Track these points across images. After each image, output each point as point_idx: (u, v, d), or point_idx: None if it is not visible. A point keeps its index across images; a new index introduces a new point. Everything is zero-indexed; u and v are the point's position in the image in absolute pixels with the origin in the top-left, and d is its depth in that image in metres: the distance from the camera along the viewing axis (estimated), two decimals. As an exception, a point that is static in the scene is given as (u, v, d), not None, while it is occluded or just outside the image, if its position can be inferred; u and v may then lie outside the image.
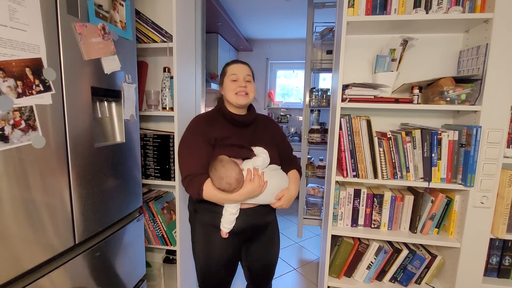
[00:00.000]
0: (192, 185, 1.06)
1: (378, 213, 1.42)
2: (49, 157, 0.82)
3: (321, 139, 2.36)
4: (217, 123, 1.16)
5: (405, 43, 1.37)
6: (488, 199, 1.24)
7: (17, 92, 0.73)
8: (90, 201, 1.00)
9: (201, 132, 1.12)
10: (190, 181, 1.06)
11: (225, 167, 1.02)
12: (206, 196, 1.05)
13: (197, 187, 1.05)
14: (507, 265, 1.37)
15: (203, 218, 1.16)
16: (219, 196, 1.05)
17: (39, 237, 0.81)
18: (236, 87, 1.15)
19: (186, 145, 1.11)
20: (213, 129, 1.13)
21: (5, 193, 0.71)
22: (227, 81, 1.18)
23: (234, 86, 1.15)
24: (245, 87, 1.17)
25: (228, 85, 1.17)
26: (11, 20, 0.71)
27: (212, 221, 1.13)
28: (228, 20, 2.96)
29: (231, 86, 1.16)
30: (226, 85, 1.18)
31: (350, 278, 1.49)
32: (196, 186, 1.05)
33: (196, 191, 1.05)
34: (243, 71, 1.20)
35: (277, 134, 1.29)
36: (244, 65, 1.22)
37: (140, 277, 1.36)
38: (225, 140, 1.11)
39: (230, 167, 1.02)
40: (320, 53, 2.43)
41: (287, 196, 1.13)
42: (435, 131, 1.27)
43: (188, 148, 1.10)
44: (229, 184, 1.01)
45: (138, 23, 1.42)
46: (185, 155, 1.10)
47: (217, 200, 1.07)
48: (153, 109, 1.53)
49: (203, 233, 1.16)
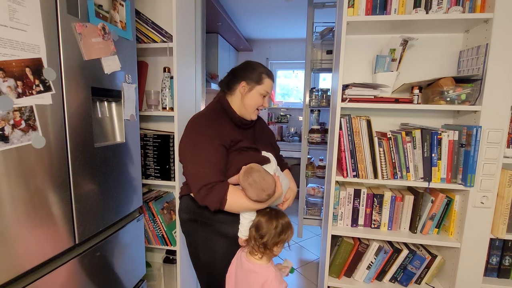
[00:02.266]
0: (213, 195, 0.94)
1: (378, 213, 1.42)
2: (49, 157, 0.82)
3: (321, 139, 2.36)
4: (225, 123, 1.07)
5: (405, 43, 1.37)
6: (488, 199, 1.24)
7: (17, 92, 0.73)
8: (90, 201, 1.00)
9: (215, 134, 1.01)
10: (210, 190, 0.94)
11: (265, 179, 0.94)
12: (229, 206, 0.96)
13: (220, 197, 0.94)
14: (507, 265, 1.37)
15: (209, 227, 1.07)
16: (247, 206, 0.96)
17: (39, 237, 0.81)
18: (261, 105, 1.12)
19: (199, 149, 0.99)
20: (225, 131, 1.04)
21: (5, 193, 0.71)
22: (257, 93, 1.09)
23: (260, 103, 1.11)
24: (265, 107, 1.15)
25: (256, 98, 1.10)
26: (11, 20, 0.71)
27: (220, 230, 1.07)
28: (228, 20, 2.96)
29: (258, 100, 1.10)
30: (254, 96, 1.09)
31: (350, 278, 1.49)
32: (218, 196, 0.94)
33: (218, 201, 0.94)
34: (271, 90, 1.16)
35: (271, 135, 1.30)
36: (273, 83, 1.17)
37: (140, 277, 1.36)
38: (239, 144, 1.04)
39: (270, 178, 0.96)
40: (320, 53, 2.43)
41: (293, 195, 1.14)
42: (435, 131, 1.27)
43: (203, 152, 0.98)
44: (269, 195, 0.94)
45: (138, 23, 1.43)
46: (200, 161, 0.98)
47: (241, 209, 0.99)
48: (153, 109, 1.53)
49: (209, 243, 1.08)
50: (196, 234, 1.10)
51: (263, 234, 0.96)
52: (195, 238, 1.11)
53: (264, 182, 0.94)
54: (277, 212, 1.02)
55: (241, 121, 1.11)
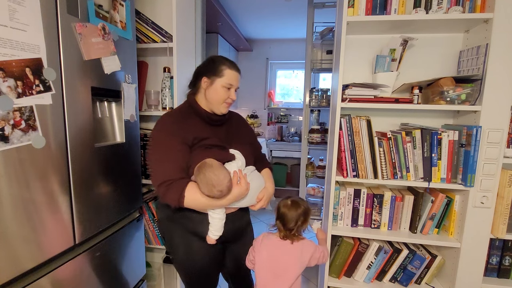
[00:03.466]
0: (171, 192, 0.94)
1: (378, 213, 1.42)
2: (49, 157, 0.82)
3: (321, 139, 2.36)
4: (191, 121, 1.06)
5: (405, 43, 1.37)
6: (488, 199, 1.24)
7: (17, 92, 0.73)
8: (90, 201, 1.00)
9: (177, 132, 1.01)
10: (168, 187, 0.95)
11: (216, 174, 0.93)
12: (187, 204, 0.95)
13: (178, 194, 0.94)
14: (507, 265, 1.37)
15: (182, 226, 1.07)
16: (204, 203, 0.96)
17: (39, 237, 0.81)
18: (227, 98, 1.08)
19: (160, 146, 0.99)
20: (190, 128, 1.03)
21: (5, 193, 0.71)
22: (219, 86, 1.06)
23: (226, 96, 1.07)
24: (234, 100, 1.10)
25: (219, 91, 1.07)
26: (11, 20, 0.71)
27: (192, 229, 1.06)
28: (228, 20, 2.96)
29: (222, 94, 1.07)
30: (216, 89, 1.07)
31: (350, 278, 1.49)
32: (176, 193, 0.94)
33: (176, 198, 0.94)
34: (238, 81, 1.11)
35: (250, 133, 1.27)
36: (239, 75, 1.13)
37: (140, 277, 1.36)
38: (204, 141, 1.03)
39: (222, 174, 0.95)
40: (320, 53, 2.43)
41: (267, 196, 1.13)
42: (435, 131, 1.27)
43: (164, 150, 0.99)
44: (221, 191, 0.94)
45: (138, 23, 1.43)
46: (160, 159, 0.99)
47: (201, 207, 1.00)
48: (153, 109, 1.53)
49: (184, 243, 1.08)
50: (171, 233, 1.10)
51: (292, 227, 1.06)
52: (169, 237, 1.11)
53: (214, 177, 0.93)
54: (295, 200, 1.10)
55: (209, 117, 1.09)
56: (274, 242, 1.10)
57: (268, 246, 1.10)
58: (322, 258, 1.12)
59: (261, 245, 1.10)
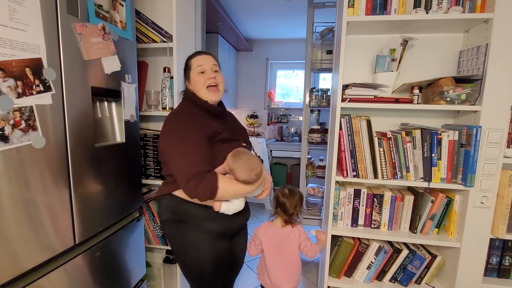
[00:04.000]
0: (203, 185, 0.93)
1: (378, 213, 1.42)
2: (49, 157, 0.82)
3: (321, 139, 2.35)
4: (203, 116, 1.08)
5: (405, 43, 1.37)
6: (488, 199, 1.24)
7: (17, 92, 0.73)
8: (90, 201, 1.00)
9: (199, 126, 1.02)
10: (201, 180, 0.93)
11: (252, 159, 0.99)
12: (221, 194, 0.95)
13: (211, 186, 0.93)
14: (507, 265, 1.37)
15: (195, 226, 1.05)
16: (238, 190, 0.99)
17: (39, 237, 0.81)
18: (206, 80, 1.09)
19: (186, 142, 0.98)
20: (206, 122, 1.05)
21: (5, 193, 0.71)
22: (194, 74, 1.11)
23: (204, 79, 1.09)
24: (215, 78, 1.11)
25: (196, 79, 1.10)
26: (11, 20, 0.71)
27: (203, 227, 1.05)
28: (228, 20, 2.96)
29: (200, 79, 1.09)
30: (194, 79, 1.11)
31: (350, 278, 1.49)
32: (210, 185, 0.93)
33: (210, 190, 0.93)
34: (209, 61, 1.12)
35: (244, 130, 1.31)
36: (209, 56, 1.15)
37: (140, 277, 1.36)
38: (220, 135, 1.05)
39: (256, 159, 1.02)
40: (320, 53, 2.43)
41: (270, 185, 1.16)
42: (435, 131, 1.27)
43: (190, 145, 0.98)
44: (258, 174, 0.99)
45: (138, 23, 1.43)
46: (185, 153, 0.97)
47: (234, 194, 1.02)
48: (153, 109, 1.53)
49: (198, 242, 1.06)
50: (182, 235, 1.07)
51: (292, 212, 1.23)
52: (180, 239, 1.08)
53: (251, 162, 0.98)
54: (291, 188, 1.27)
55: (212, 109, 1.11)
56: (277, 229, 1.26)
57: (273, 233, 1.26)
58: (306, 249, 1.26)
59: (266, 232, 1.26)
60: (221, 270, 1.14)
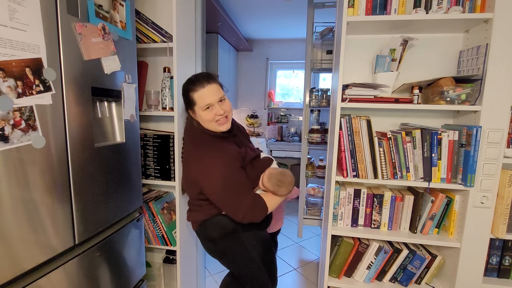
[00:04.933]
0: (258, 210, 1.05)
1: (378, 213, 1.42)
2: (49, 157, 0.82)
3: (321, 139, 2.35)
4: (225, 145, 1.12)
5: (405, 43, 1.37)
6: (488, 199, 1.24)
7: (17, 92, 0.73)
8: (90, 201, 1.00)
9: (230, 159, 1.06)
10: (253, 208, 1.04)
11: (285, 175, 1.11)
12: (270, 209, 1.08)
13: (263, 210, 1.06)
14: (507, 265, 1.37)
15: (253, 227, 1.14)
16: (278, 202, 1.12)
17: (39, 237, 0.81)
18: (214, 116, 1.06)
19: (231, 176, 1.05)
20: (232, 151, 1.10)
21: (5, 193, 0.71)
22: (200, 111, 1.07)
23: (212, 116, 1.06)
24: (224, 112, 1.07)
25: (204, 116, 1.07)
26: (11, 20, 0.71)
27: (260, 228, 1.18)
28: (228, 20, 2.96)
29: (207, 116, 1.06)
30: (201, 116, 1.08)
31: (350, 278, 1.49)
32: (262, 210, 1.06)
33: (263, 212, 1.06)
34: (214, 94, 1.06)
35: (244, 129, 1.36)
36: (212, 85, 1.07)
37: (140, 277, 1.36)
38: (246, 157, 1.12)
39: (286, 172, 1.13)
40: (320, 53, 2.43)
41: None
42: (435, 131, 1.27)
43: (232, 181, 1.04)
44: (293, 185, 1.13)
45: (138, 23, 1.42)
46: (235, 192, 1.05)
47: (276, 206, 1.13)
48: (153, 109, 1.53)
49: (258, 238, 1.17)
50: (241, 242, 1.14)
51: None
52: (240, 246, 1.15)
53: (287, 177, 1.10)
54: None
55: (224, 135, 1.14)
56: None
57: None
58: None
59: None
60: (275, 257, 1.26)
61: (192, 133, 1.19)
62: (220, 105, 1.07)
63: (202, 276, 1.99)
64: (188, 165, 1.15)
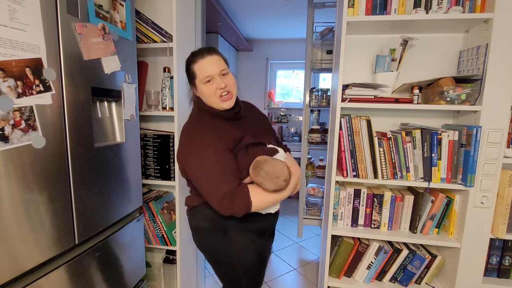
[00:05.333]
0: (236, 203, 0.90)
1: (378, 213, 1.42)
2: (49, 157, 0.82)
3: (321, 139, 2.35)
4: (220, 124, 1.01)
5: (405, 43, 1.37)
6: (488, 199, 1.24)
7: (17, 92, 0.73)
8: (90, 201, 1.00)
9: (216, 139, 0.94)
10: (232, 198, 0.90)
11: (275, 166, 0.92)
12: (255, 207, 0.92)
13: (245, 202, 0.90)
14: (507, 265, 1.37)
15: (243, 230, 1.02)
16: (270, 200, 0.95)
17: (39, 237, 0.81)
18: (216, 90, 0.97)
19: (207, 160, 0.92)
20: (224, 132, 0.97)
21: (5, 193, 0.71)
22: (201, 84, 0.98)
23: (213, 90, 0.97)
24: (225, 86, 0.97)
25: (204, 90, 0.98)
26: (11, 20, 0.71)
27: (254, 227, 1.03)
28: (228, 20, 2.96)
29: (208, 90, 0.97)
30: (202, 90, 0.99)
31: (350, 278, 1.49)
32: (243, 202, 0.90)
33: (244, 206, 0.90)
34: (216, 66, 0.97)
35: (266, 120, 1.22)
36: (213, 56, 0.98)
37: (140, 277, 1.36)
38: (243, 141, 0.98)
39: (279, 163, 0.94)
40: (320, 53, 2.43)
41: (299, 179, 1.07)
42: (435, 131, 1.27)
43: (213, 161, 0.92)
44: (286, 180, 0.94)
45: (138, 23, 1.42)
46: (211, 172, 0.91)
47: (267, 205, 0.97)
48: (153, 109, 1.53)
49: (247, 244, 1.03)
50: (228, 243, 1.02)
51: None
52: (226, 247, 1.03)
53: (275, 169, 0.92)
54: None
55: (226, 114, 1.02)
56: None
57: None
58: None
59: None
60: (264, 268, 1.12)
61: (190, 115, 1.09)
62: (222, 78, 0.98)
63: (202, 276, 1.99)
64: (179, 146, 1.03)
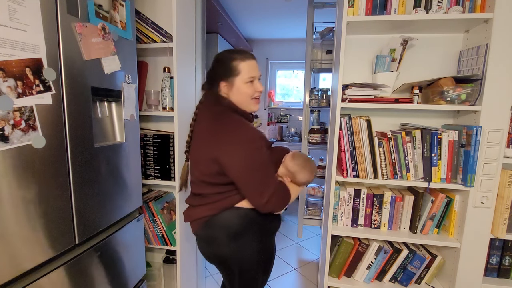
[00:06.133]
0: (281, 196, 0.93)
1: (378, 213, 1.42)
2: (49, 157, 0.82)
3: (321, 139, 2.36)
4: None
5: (405, 43, 1.37)
6: (488, 199, 1.24)
7: (17, 92, 0.73)
8: (90, 201, 1.00)
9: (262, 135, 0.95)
10: (277, 193, 0.92)
11: (309, 160, 1.02)
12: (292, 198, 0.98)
13: (286, 195, 0.95)
14: (507, 265, 1.37)
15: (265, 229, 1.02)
16: (295, 195, 1.01)
17: (39, 237, 0.81)
18: (254, 92, 0.99)
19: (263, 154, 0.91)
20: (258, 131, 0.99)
21: (5, 193, 0.71)
22: (241, 83, 0.97)
23: (252, 91, 0.98)
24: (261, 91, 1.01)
25: (243, 89, 0.98)
26: (11, 20, 0.71)
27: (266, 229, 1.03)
28: (228, 20, 2.96)
29: (248, 90, 0.98)
30: (240, 89, 0.97)
31: (350, 278, 1.49)
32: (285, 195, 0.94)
33: (286, 199, 0.95)
34: (257, 69, 1.00)
35: None
36: (255, 61, 1.01)
37: (140, 277, 1.36)
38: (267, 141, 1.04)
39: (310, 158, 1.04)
40: (320, 53, 2.43)
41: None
42: (435, 131, 1.27)
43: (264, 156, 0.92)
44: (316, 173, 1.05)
45: (138, 23, 1.42)
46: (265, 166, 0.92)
47: (294, 197, 1.02)
48: (153, 109, 1.53)
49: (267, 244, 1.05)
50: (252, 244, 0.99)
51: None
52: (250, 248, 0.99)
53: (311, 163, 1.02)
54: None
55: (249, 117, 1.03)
56: None
57: None
58: None
59: None
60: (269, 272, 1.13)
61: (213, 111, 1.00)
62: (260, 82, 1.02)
63: (202, 276, 1.99)
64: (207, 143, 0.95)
